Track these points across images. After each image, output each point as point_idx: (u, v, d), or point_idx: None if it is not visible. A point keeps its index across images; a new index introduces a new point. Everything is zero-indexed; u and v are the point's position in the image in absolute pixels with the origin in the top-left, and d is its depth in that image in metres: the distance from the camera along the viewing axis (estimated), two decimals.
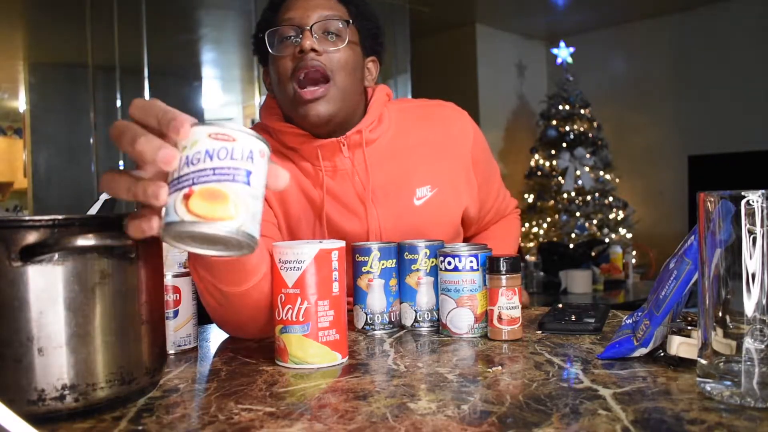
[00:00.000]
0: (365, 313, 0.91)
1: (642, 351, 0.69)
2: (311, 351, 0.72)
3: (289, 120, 1.07)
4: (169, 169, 0.51)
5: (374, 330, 0.91)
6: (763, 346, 0.53)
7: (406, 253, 0.92)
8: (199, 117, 5.83)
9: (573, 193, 4.78)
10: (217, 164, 0.50)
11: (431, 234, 1.08)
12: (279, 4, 1.04)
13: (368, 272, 0.90)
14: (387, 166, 1.09)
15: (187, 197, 0.50)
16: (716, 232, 0.54)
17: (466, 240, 1.27)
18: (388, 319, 0.91)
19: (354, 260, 0.92)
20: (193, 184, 0.50)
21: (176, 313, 0.82)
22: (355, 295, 0.92)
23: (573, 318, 0.89)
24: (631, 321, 0.75)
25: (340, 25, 1.01)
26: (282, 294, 0.72)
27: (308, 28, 0.98)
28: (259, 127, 1.12)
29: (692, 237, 0.64)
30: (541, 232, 4.88)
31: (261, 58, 1.10)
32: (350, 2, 1.06)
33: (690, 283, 0.65)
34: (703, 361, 0.57)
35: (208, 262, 0.73)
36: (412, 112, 1.16)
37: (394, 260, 0.92)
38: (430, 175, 1.10)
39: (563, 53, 5.05)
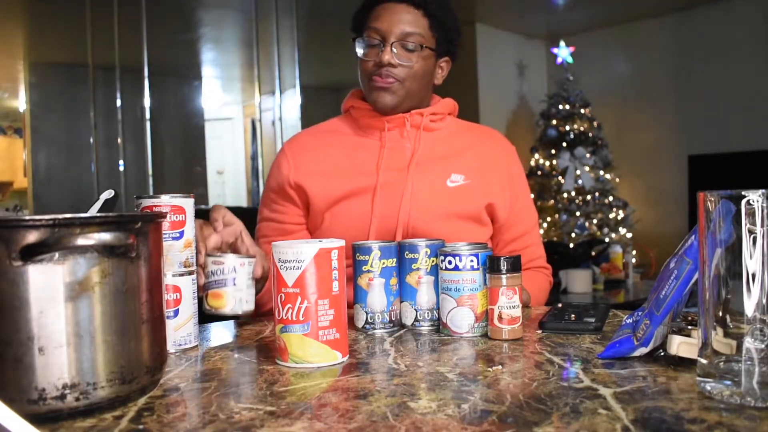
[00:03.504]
0: (365, 312, 0.91)
1: (642, 350, 0.69)
2: (311, 350, 0.72)
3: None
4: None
5: (374, 329, 0.91)
6: (763, 346, 0.53)
7: (407, 252, 0.92)
8: (199, 116, 5.85)
9: (573, 193, 4.77)
10: (217, 277, 0.92)
11: (456, 217, 1.20)
12: (372, 6, 1.22)
13: (369, 271, 0.91)
14: (434, 149, 1.25)
15: (206, 296, 0.93)
16: (716, 232, 0.54)
17: None
18: (388, 318, 0.91)
19: (354, 259, 0.92)
20: (208, 289, 0.92)
21: (176, 313, 0.83)
22: (355, 294, 0.93)
23: (573, 317, 0.89)
24: (631, 320, 0.75)
25: (418, 42, 1.19)
26: (282, 293, 0.72)
27: (390, 44, 1.17)
28: (338, 117, 1.34)
29: (692, 237, 0.64)
30: (541, 231, 4.88)
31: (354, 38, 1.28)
32: (432, 15, 1.20)
33: (690, 282, 0.65)
34: (704, 361, 0.57)
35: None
36: (469, 128, 1.34)
37: (395, 259, 0.92)
38: (468, 169, 1.25)
39: (563, 53, 5.04)
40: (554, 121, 4.91)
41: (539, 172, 4.91)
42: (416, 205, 1.19)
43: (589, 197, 4.76)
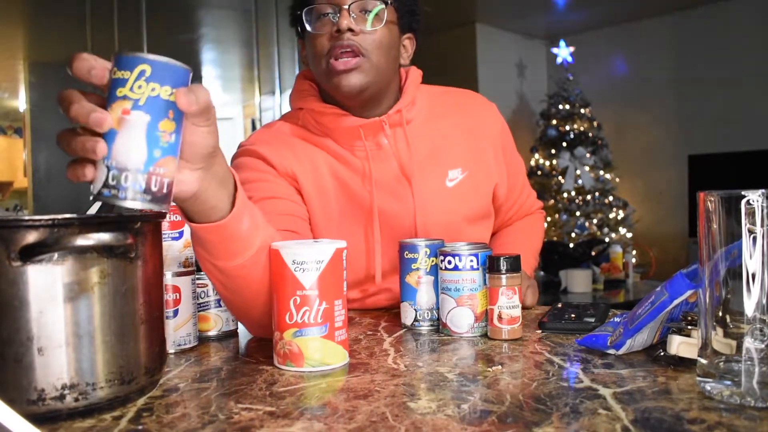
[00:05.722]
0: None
1: (614, 351, 0.71)
2: (330, 352, 0.71)
3: (325, 100, 1.08)
4: (102, 130, 0.55)
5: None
6: (763, 346, 0.53)
7: (406, 252, 0.92)
8: None
9: (573, 193, 4.77)
10: (201, 300, 0.85)
11: (464, 214, 1.11)
12: None
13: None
14: (420, 147, 1.10)
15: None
16: (716, 232, 0.54)
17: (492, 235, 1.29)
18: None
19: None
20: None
21: (176, 313, 0.82)
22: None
23: (573, 317, 0.89)
24: (619, 320, 0.77)
25: (378, 5, 1.01)
26: (296, 296, 0.69)
27: (346, 7, 0.98)
28: (291, 115, 1.13)
29: (679, 274, 0.65)
30: None
31: (298, 32, 1.10)
32: None
33: (663, 311, 0.66)
34: (703, 361, 0.57)
35: (198, 238, 0.70)
36: (443, 98, 1.17)
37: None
38: (461, 159, 1.13)
39: (563, 52, 5.04)
40: (554, 121, 4.91)
41: (539, 172, 4.91)
42: (424, 217, 1.09)
43: (589, 197, 4.76)
